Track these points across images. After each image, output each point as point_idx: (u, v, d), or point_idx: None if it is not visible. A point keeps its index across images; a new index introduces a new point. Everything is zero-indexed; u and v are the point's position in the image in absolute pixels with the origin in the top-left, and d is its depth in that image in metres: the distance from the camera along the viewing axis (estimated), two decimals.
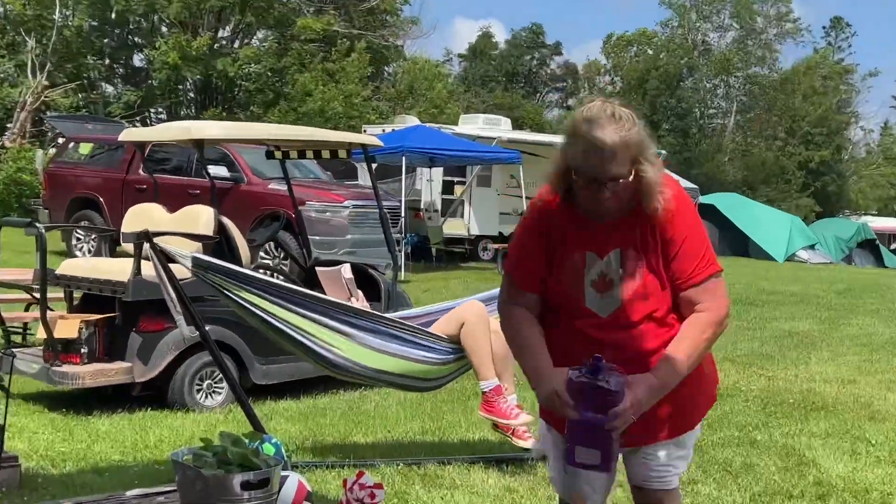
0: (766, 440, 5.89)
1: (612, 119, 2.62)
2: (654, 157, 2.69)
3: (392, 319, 4.96)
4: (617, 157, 2.61)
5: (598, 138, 2.60)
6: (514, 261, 2.94)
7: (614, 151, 2.60)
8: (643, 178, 2.66)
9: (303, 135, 7.70)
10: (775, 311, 13.22)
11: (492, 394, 4.98)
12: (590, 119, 2.63)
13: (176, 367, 6.41)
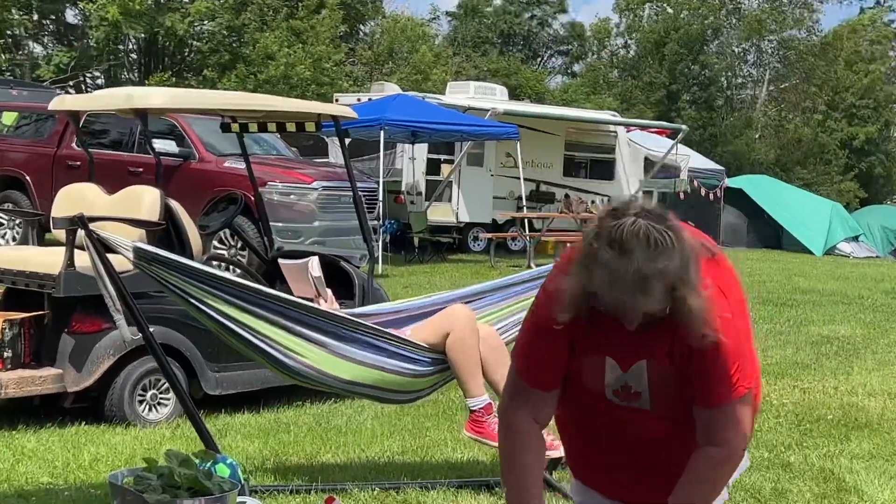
0: (801, 463, 5.91)
1: (647, 245, 2.49)
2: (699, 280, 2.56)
3: (365, 325, 4.95)
4: (650, 293, 2.51)
5: (627, 273, 2.49)
6: (525, 358, 2.89)
7: (647, 288, 2.50)
8: (685, 310, 2.55)
9: (263, 104, 7.66)
10: (812, 312, 13.26)
11: (481, 412, 4.99)
12: (617, 244, 2.50)
13: (115, 375, 6.39)
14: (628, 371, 2.76)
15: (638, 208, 2.56)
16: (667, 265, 2.49)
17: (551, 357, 2.79)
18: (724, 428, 2.71)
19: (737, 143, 45.68)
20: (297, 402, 7.17)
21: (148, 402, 6.57)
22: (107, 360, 6.31)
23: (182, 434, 6.15)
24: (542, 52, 52.54)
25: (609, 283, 2.52)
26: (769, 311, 12.98)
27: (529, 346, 2.87)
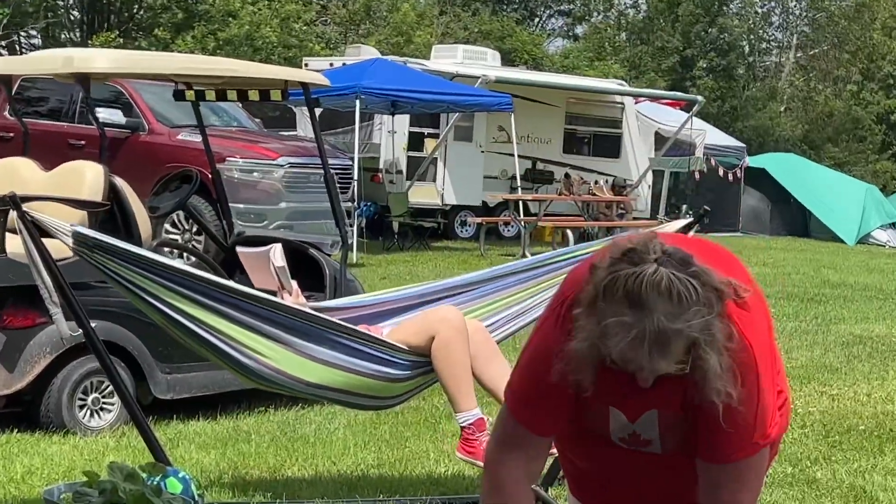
0: (829, 479, 5.93)
1: (669, 300, 2.41)
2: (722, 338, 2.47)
3: (335, 322, 4.94)
4: (669, 355, 2.45)
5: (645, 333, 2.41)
6: (523, 395, 2.80)
7: (666, 349, 2.44)
8: (700, 370, 2.48)
9: (222, 69, 7.65)
10: (843, 309, 13.30)
11: (472, 429, 4.96)
12: (635, 298, 2.42)
13: (51, 376, 6.37)
14: (636, 422, 2.74)
15: (659, 251, 2.47)
16: (690, 323, 2.41)
17: (553, 401, 2.70)
18: (730, 489, 2.68)
19: (759, 117, 45.75)
20: (260, 408, 7.17)
21: (89, 407, 6.56)
22: (42, 360, 6.29)
23: (128, 444, 6.14)
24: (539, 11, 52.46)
25: (622, 342, 2.44)
26: (794, 308, 13.01)
27: (528, 386, 2.77)
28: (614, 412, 2.74)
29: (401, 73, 18.82)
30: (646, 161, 24.26)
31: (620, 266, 2.45)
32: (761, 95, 48.01)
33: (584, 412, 2.76)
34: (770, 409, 2.69)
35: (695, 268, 2.45)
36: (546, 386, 2.65)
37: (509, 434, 2.82)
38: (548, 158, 22.97)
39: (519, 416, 2.80)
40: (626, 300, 2.42)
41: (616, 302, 2.43)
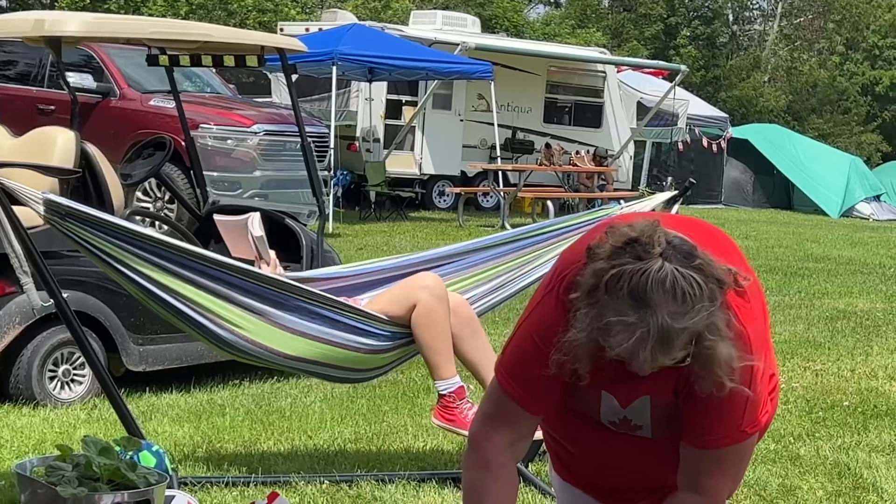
0: (813, 455, 5.95)
1: (674, 298, 2.39)
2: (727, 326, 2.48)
3: (312, 292, 4.92)
4: (672, 350, 2.43)
5: (648, 330, 2.40)
6: (516, 371, 2.77)
7: (669, 345, 2.42)
8: (705, 356, 2.47)
9: (197, 33, 7.61)
10: (826, 283, 13.36)
11: (452, 397, 4.98)
12: (639, 296, 2.40)
13: (21, 347, 6.35)
14: (628, 407, 2.74)
15: (664, 244, 2.43)
16: (693, 319, 2.40)
17: (546, 380, 2.66)
18: (712, 475, 2.69)
19: (743, 87, 45.85)
20: (234, 380, 7.17)
21: (60, 378, 6.54)
22: (12, 330, 6.26)
23: (100, 416, 6.13)
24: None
25: (626, 341, 2.42)
26: (777, 281, 13.06)
27: (522, 363, 2.75)
28: (606, 396, 2.75)
29: (378, 39, 18.76)
30: (627, 131, 24.28)
31: (624, 259, 2.42)
32: (745, 65, 48.10)
33: (575, 394, 2.75)
34: (761, 398, 2.69)
35: (699, 260, 2.43)
36: (540, 364, 2.62)
37: (499, 410, 2.81)
38: (528, 128, 22.97)
39: (510, 392, 2.77)
40: (630, 298, 2.39)
41: (619, 299, 2.40)
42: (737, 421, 2.63)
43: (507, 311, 7.99)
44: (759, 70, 48.38)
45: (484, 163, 20.66)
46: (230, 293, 4.72)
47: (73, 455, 2.86)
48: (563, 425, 2.92)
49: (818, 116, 46.39)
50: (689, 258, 2.42)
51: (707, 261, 2.44)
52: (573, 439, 2.93)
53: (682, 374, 2.55)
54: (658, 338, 2.38)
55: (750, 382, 2.58)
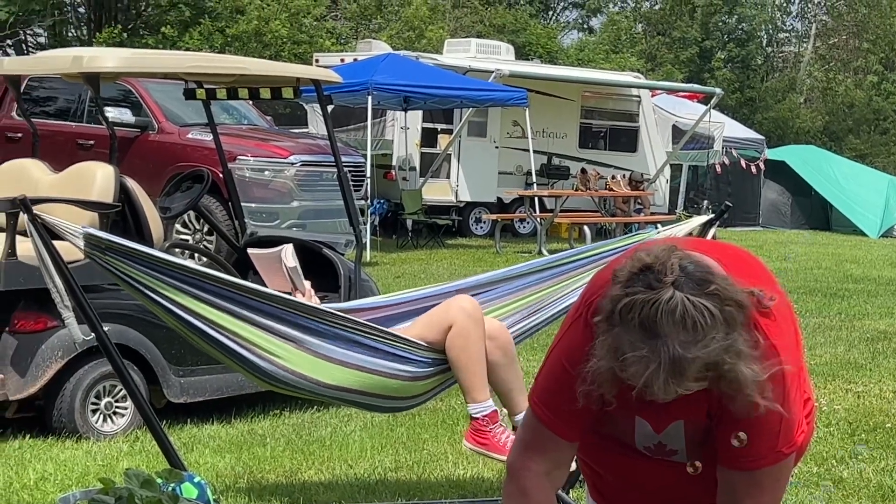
0: (856, 478, 5.91)
1: (684, 328, 2.39)
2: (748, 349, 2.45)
3: (349, 319, 4.93)
4: (684, 380, 2.42)
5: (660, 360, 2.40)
6: (549, 398, 2.78)
7: (682, 374, 2.42)
8: (730, 378, 2.45)
9: (233, 66, 7.65)
10: (867, 304, 13.26)
11: (485, 420, 4.97)
12: (648, 325, 2.41)
13: (64, 381, 6.38)
14: (662, 433, 2.73)
15: (676, 271, 2.43)
16: (706, 349, 2.39)
17: (580, 407, 2.64)
18: (751, 495, 2.67)
19: (779, 109, 45.68)
20: (274, 410, 7.18)
21: (102, 411, 6.57)
22: (54, 364, 6.30)
23: (142, 448, 6.15)
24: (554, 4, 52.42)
25: (640, 374, 2.42)
26: (817, 303, 12.98)
27: (554, 389, 2.75)
28: (640, 422, 2.74)
29: (413, 69, 18.81)
30: (663, 155, 24.20)
31: (636, 288, 2.43)
32: (780, 86, 47.96)
33: (611, 421, 2.75)
34: (797, 418, 2.67)
35: (714, 286, 2.42)
36: (571, 390, 2.61)
37: (534, 437, 2.81)
38: (563, 153, 22.94)
39: (544, 419, 2.78)
40: (641, 329, 2.40)
41: (631, 329, 2.41)
42: (773, 441, 2.62)
43: (546, 338, 7.98)
44: (794, 91, 48.22)
45: (520, 189, 20.63)
46: (268, 322, 4.73)
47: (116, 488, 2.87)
48: (599, 452, 2.91)
49: (855, 137, 46.12)
50: (703, 285, 2.42)
51: (723, 285, 2.43)
52: (609, 466, 2.92)
53: (713, 396, 2.53)
54: (670, 368, 2.38)
55: (784, 399, 2.57)
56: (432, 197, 20.18)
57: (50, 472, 5.64)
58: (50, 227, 4.62)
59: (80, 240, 4.53)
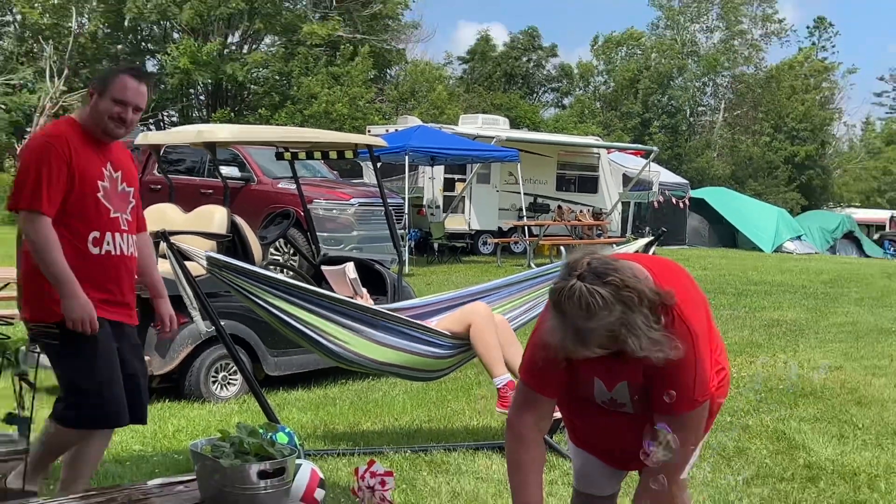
0: (758, 425, 5.89)
1: (580, 308, 2.44)
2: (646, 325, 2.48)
3: (395, 316, 4.94)
4: (589, 345, 2.48)
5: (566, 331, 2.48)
6: (532, 367, 2.79)
7: (585, 341, 2.48)
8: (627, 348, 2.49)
9: (310, 136, 7.68)
10: (763, 300, 13.21)
11: (506, 388, 4.97)
12: (557, 306, 2.50)
13: (192, 360, 6.42)
14: (613, 390, 2.74)
15: (583, 268, 2.48)
16: (600, 322, 2.43)
17: (552, 371, 2.72)
18: (679, 434, 2.66)
19: (699, 161, 45.57)
20: (341, 380, 7.18)
21: (220, 382, 6.59)
22: (186, 349, 6.34)
23: (248, 408, 6.16)
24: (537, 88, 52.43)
25: (555, 338, 2.51)
26: (728, 300, 12.93)
27: (533, 362, 2.78)
28: (597, 382, 2.75)
29: (437, 136, 18.82)
30: (616, 195, 24.12)
31: (558, 282, 2.51)
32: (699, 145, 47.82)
33: (577, 382, 2.77)
34: (707, 373, 2.68)
35: (612, 277, 2.45)
36: (545, 359, 2.68)
37: (524, 397, 2.82)
38: (545, 195, 22.87)
39: (528, 383, 2.80)
40: (554, 308, 2.51)
41: (552, 308, 2.52)
42: (689, 391, 2.62)
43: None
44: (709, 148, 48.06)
45: (514, 220, 20.60)
46: (337, 318, 4.75)
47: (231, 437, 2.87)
48: (572, 407, 2.93)
49: (754, 181, 45.91)
50: (602, 276, 2.46)
51: (624, 278, 2.46)
52: (580, 417, 2.93)
53: (643, 363, 2.55)
54: (573, 337, 2.46)
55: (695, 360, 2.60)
56: (452, 227, 20.15)
57: (183, 426, 5.66)
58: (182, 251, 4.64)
59: (203, 260, 4.55)
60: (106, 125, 3.64)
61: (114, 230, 3.66)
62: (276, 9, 31.43)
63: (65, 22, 28.53)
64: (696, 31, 51.40)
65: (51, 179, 3.49)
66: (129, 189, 3.78)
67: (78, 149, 3.58)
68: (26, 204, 3.47)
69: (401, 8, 35.17)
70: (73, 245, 3.55)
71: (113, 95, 3.62)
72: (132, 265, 3.80)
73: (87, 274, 3.57)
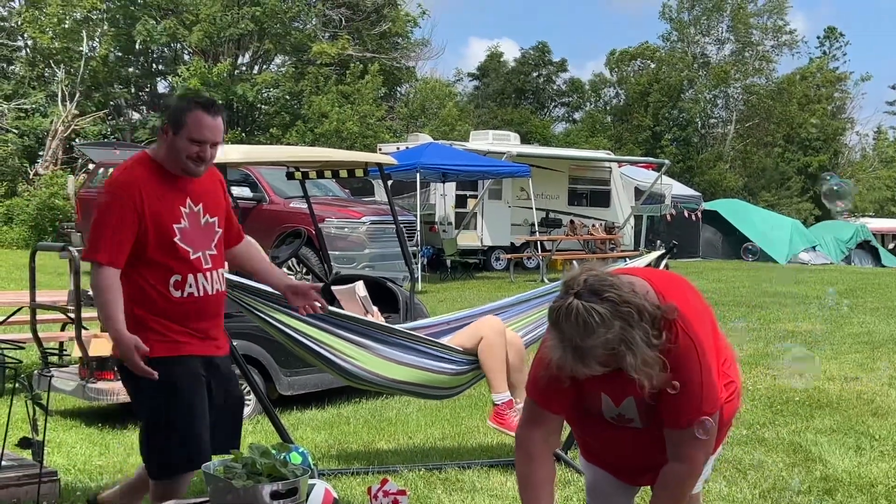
0: (774, 438, 5.86)
1: (576, 326, 2.46)
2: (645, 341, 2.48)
3: (406, 332, 4.94)
4: (588, 363, 2.49)
5: (565, 348, 2.49)
6: (537, 384, 2.80)
7: (584, 359, 2.49)
8: (624, 364, 2.49)
9: (321, 155, 7.73)
10: (779, 312, 13.14)
11: (503, 406, 4.97)
12: (554, 325, 2.52)
13: None
14: (620, 406, 2.74)
15: (580, 286, 2.49)
16: (599, 339, 2.44)
17: (559, 388, 2.71)
18: (688, 446, 2.66)
19: (711, 173, 45.51)
20: (355, 399, 7.18)
21: None
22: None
23: (262, 428, 6.17)
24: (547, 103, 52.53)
25: (554, 354, 2.53)
26: (742, 312, 12.88)
27: (538, 378, 2.77)
28: (605, 398, 2.75)
29: (448, 153, 18.87)
30: (629, 209, 24.12)
31: (556, 300, 2.53)
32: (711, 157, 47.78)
33: (585, 398, 2.77)
34: (715, 385, 2.68)
35: (609, 293, 2.46)
36: (550, 376, 2.68)
37: (531, 414, 2.83)
38: (557, 209, 22.89)
39: (535, 399, 2.81)
40: (553, 326, 2.52)
41: (550, 327, 2.54)
42: (697, 406, 2.62)
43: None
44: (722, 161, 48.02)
45: (527, 236, 20.61)
46: (349, 335, 4.75)
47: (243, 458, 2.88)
48: (581, 423, 2.92)
49: (767, 192, 45.85)
50: (599, 293, 2.47)
51: (621, 293, 2.47)
52: (590, 432, 2.93)
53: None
54: (573, 354, 2.47)
55: (700, 374, 2.60)
56: (464, 243, 20.17)
57: None
58: None
59: None
60: (185, 165, 3.58)
61: (195, 271, 3.61)
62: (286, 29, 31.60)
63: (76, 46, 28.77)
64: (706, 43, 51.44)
65: (115, 230, 3.47)
66: (213, 219, 3.71)
67: (151, 193, 3.53)
68: (87, 255, 3.51)
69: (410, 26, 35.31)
70: (155, 290, 3.54)
71: (189, 135, 3.55)
72: (218, 302, 3.75)
73: (171, 315, 3.57)
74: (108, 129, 29.65)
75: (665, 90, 47.09)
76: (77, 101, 27.13)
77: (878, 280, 19.50)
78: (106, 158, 17.57)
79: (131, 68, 33.16)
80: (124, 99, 33.00)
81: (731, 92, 50.95)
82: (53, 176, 23.88)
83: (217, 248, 3.73)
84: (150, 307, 3.54)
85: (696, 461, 2.71)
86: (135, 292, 3.53)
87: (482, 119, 40.68)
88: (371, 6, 33.35)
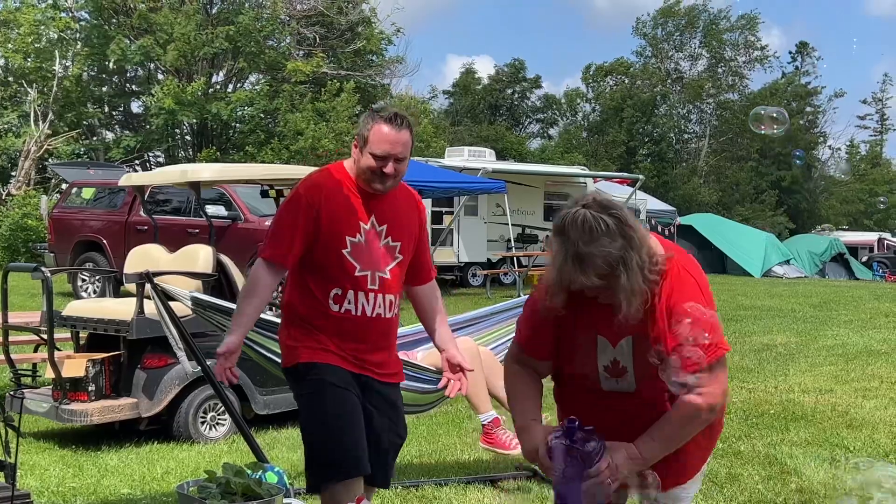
0: (749, 450, 5.88)
1: (582, 231, 2.49)
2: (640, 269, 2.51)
3: None
4: (587, 271, 2.49)
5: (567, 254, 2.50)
6: (523, 333, 2.83)
7: (584, 267, 2.49)
8: (615, 282, 2.51)
9: (294, 172, 7.72)
10: (753, 325, 13.23)
11: (490, 426, 4.96)
12: (559, 229, 2.54)
13: (180, 401, 6.39)
14: (617, 346, 2.67)
15: (588, 200, 2.55)
16: (601, 249, 2.47)
17: (545, 332, 2.74)
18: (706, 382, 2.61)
19: (685, 188, 45.81)
20: None
21: (208, 422, 6.56)
22: (173, 390, 6.31)
23: (237, 448, 6.13)
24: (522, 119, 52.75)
25: (555, 262, 2.54)
26: None
27: (526, 323, 2.82)
28: (601, 339, 2.69)
29: (424, 170, 18.84)
30: None
31: (563, 209, 2.57)
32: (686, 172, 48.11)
33: (576, 345, 2.73)
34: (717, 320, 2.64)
35: (616, 211, 2.52)
36: (539, 323, 2.72)
37: (518, 356, 2.86)
38: (533, 225, 22.95)
39: (522, 345, 2.85)
40: (557, 231, 2.54)
41: (555, 234, 2.55)
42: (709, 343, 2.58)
43: None
44: (696, 175, 48.34)
45: (503, 252, 20.65)
46: None
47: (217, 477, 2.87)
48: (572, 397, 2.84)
49: (741, 206, 46.19)
50: (606, 208, 2.53)
51: (627, 217, 2.53)
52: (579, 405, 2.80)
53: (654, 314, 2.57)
54: (574, 260, 2.48)
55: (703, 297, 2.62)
56: (441, 259, 20.16)
57: (172, 468, 5.63)
58: (167, 292, 4.65)
59: (188, 301, 4.56)
60: (369, 179, 3.47)
61: (358, 289, 3.46)
62: (260, 48, 31.58)
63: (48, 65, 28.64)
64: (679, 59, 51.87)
65: (287, 228, 3.43)
66: (396, 244, 3.56)
67: (334, 199, 3.45)
68: (260, 250, 3.50)
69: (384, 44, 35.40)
70: (315, 299, 3.47)
71: (371, 150, 3.45)
72: (383, 326, 3.58)
73: (328, 329, 3.47)
74: (81, 148, 29.48)
75: (639, 106, 47.41)
76: (50, 120, 26.97)
77: (852, 293, 19.68)
78: (79, 178, 17.50)
79: (105, 87, 33.02)
80: (97, 118, 32.83)
81: (705, 107, 51.39)
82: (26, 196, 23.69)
83: (392, 274, 3.55)
84: (311, 311, 3.47)
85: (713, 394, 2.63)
86: (302, 292, 3.50)
87: (458, 135, 40.77)
88: (345, 24, 33.41)
